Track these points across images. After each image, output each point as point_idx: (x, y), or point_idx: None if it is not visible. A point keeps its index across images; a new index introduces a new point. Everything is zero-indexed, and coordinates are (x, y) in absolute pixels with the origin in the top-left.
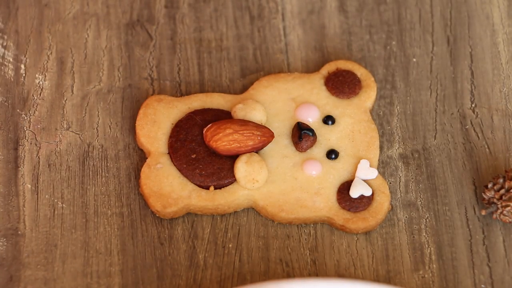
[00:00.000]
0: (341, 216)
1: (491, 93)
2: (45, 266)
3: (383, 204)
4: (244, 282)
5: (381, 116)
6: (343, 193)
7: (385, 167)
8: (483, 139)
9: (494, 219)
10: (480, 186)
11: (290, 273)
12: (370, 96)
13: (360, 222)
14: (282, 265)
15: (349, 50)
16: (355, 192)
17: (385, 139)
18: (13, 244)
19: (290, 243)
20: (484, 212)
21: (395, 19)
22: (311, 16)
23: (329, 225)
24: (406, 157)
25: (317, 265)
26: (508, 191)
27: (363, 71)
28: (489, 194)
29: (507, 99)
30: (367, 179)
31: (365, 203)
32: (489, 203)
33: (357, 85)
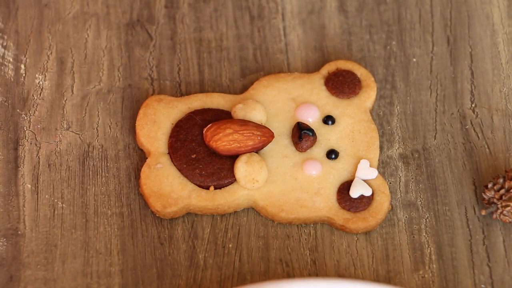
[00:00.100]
0: (341, 216)
1: (491, 93)
2: (45, 266)
3: (383, 204)
4: (244, 282)
5: (381, 116)
6: (343, 193)
7: (385, 167)
8: (483, 139)
9: (494, 219)
10: (480, 186)
11: (290, 273)
12: (370, 96)
13: (360, 222)
14: (282, 265)
15: (349, 50)
16: (355, 192)
17: (385, 139)
18: (13, 244)
19: (290, 243)
20: (484, 212)
21: (395, 19)
22: (311, 16)
23: (329, 225)
24: (406, 157)
25: (317, 265)
26: (508, 191)
27: (363, 71)
28: (489, 194)
29: (507, 99)
30: (367, 179)
31: (365, 203)
32: (489, 203)
33: (357, 85)
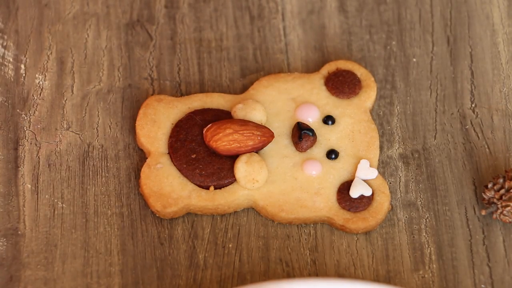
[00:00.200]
0: (341, 216)
1: (491, 93)
2: (45, 266)
3: (383, 204)
4: (244, 282)
5: (381, 116)
6: (343, 193)
7: (385, 167)
8: (483, 139)
9: (494, 219)
10: (480, 186)
11: (290, 273)
12: (370, 96)
13: (360, 222)
14: (282, 265)
15: (349, 50)
16: (355, 192)
17: (385, 139)
18: (13, 244)
19: (290, 243)
20: (484, 212)
21: (395, 19)
22: (311, 16)
23: (329, 225)
24: (406, 157)
25: (317, 265)
26: (508, 191)
27: (363, 71)
28: (489, 194)
29: (507, 99)
30: (367, 179)
31: (365, 203)
32: (489, 203)
33: (357, 85)
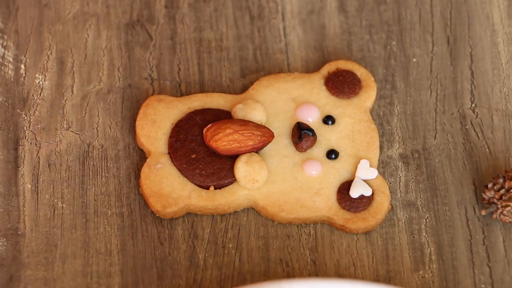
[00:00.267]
0: (341, 216)
1: (491, 93)
2: (45, 266)
3: (383, 204)
4: (244, 282)
5: (381, 116)
6: (343, 193)
7: (385, 167)
8: (483, 139)
9: (494, 219)
10: (480, 186)
11: (290, 273)
12: (370, 96)
13: (360, 222)
14: (282, 265)
15: (349, 50)
16: (355, 192)
17: (385, 139)
18: (13, 244)
19: (290, 243)
20: (484, 212)
21: (395, 19)
22: (311, 16)
23: (329, 225)
24: (406, 157)
25: (317, 265)
26: (508, 191)
27: (363, 71)
28: (489, 194)
29: (507, 99)
30: (367, 179)
31: (365, 203)
32: (489, 203)
33: (357, 85)
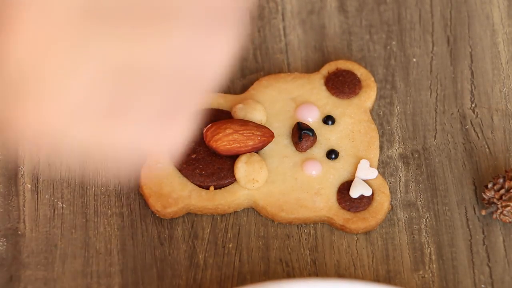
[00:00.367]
0: (341, 216)
1: (491, 93)
2: (45, 266)
3: (383, 204)
4: (244, 282)
5: (381, 116)
6: (343, 193)
7: (385, 167)
8: (483, 139)
9: (494, 219)
10: (480, 186)
11: (290, 273)
12: (370, 96)
13: (360, 222)
14: (282, 265)
15: (349, 50)
16: (355, 192)
17: (385, 139)
18: (13, 244)
19: (290, 243)
20: (484, 212)
21: (395, 19)
22: (311, 16)
23: (329, 225)
24: (406, 157)
25: (317, 265)
26: (508, 191)
27: (363, 71)
28: (489, 194)
29: (507, 99)
30: (367, 179)
31: (365, 203)
32: (489, 203)
33: (357, 85)
